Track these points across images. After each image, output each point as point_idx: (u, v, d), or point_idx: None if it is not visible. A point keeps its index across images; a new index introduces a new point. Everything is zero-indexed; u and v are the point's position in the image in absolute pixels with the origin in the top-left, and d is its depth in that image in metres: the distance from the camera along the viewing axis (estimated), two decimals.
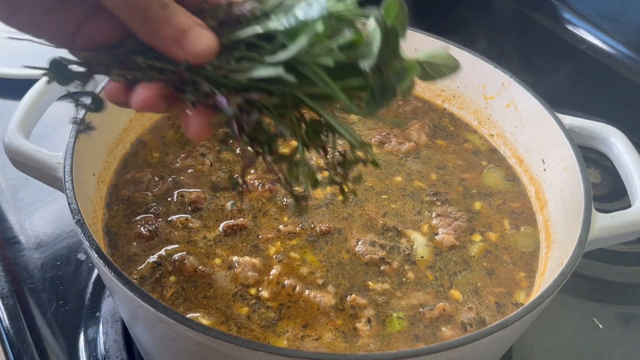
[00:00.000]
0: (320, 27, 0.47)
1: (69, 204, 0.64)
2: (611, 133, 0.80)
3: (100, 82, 0.78)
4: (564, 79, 1.31)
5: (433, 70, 0.58)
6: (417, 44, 0.96)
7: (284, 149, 0.57)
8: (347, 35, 0.49)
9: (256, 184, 0.79)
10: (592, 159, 1.06)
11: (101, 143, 0.79)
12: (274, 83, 0.51)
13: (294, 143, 0.56)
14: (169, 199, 0.78)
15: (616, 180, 0.99)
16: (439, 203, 0.82)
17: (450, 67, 0.58)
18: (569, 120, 0.82)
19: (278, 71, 0.49)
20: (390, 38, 0.51)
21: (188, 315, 0.65)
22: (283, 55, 0.49)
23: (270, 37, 0.52)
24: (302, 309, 0.67)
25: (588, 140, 0.82)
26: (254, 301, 0.68)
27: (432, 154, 0.90)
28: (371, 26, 0.50)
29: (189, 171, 0.82)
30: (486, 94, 0.92)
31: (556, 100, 0.88)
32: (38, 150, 0.71)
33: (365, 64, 0.49)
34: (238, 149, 0.55)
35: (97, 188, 0.76)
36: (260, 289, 0.69)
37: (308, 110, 0.54)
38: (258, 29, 0.52)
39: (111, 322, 0.81)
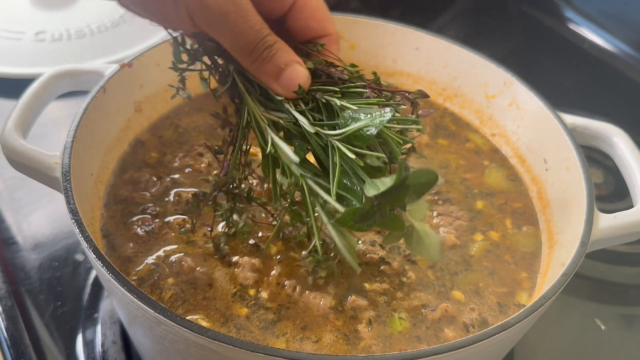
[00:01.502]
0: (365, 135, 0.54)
1: (66, 204, 0.64)
2: (614, 133, 0.80)
3: (106, 75, 0.78)
4: (566, 78, 1.30)
5: (416, 243, 0.65)
6: (419, 43, 0.96)
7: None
8: (375, 161, 0.56)
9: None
10: (595, 158, 1.05)
11: (99, 143, 0.79)
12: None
13: None
14: (167, 199, 0.78)
15: (619, 180, 0.99)
16: (440, 202, 0.81)
17: (429, 255, 0.65)
18: (571, 119, 0.82)
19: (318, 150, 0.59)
20: (400, 191, 0.55)
21: (187, 317, 0.64)
22: (336, 133, 0.56)
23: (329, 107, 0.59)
24: (302, 310, 0.67)
25: (591, 139, 0.82)
26: (253, 302, 0.67)
27: (434, 153, 0.89)
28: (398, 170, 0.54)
29: (187, 170, 0.82)
30: (488, 93, 0.92)
31: (558, 99, 0.87)
32: (35, 150, 0.70)
33: (369, 193, 0.54)
34: None
35: (94, 188, 0.76)
36: (259, 289, 0.68)
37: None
38: (336, 101, 0.58)
39: (109, 323, 0.81)
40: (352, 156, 0.54)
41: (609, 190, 1.04)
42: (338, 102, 0.58)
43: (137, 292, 0.56)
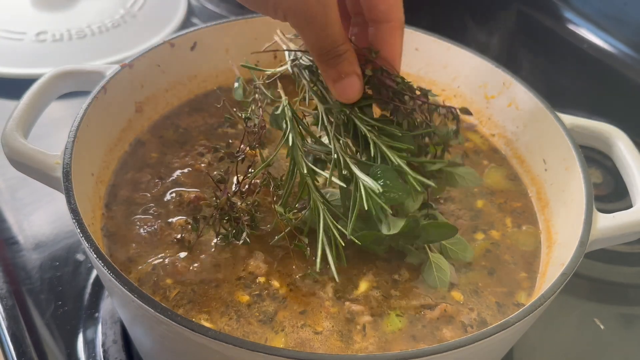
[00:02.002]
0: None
1: (67, 204, 0.64)
2: (613, 133, 0.80)
3: (107, 76, 0.79)
4: (565, 79, 1.30)
5: (427, 272, 0.71)
6: (418, 44, 0.96)
7: None
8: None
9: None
10: (594, 158, 1.05)
11: (100, 143, 0.79)
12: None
13: None
14: (168, 199, 0.78)
15: (618, 180, 0.99)
16: (442, 201, 0.81)
17: (435, 284, 0.70)
18: (570, 120, 0.82)
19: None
20: (410, 235, 0.69)
21: (191, 315, 0.65)
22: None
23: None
24: (303, 294, 0.68)
25: (590, 140, 0.82)
26: (257, 292, 0.68)
27: None
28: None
29: (188, 170, 0.82)
30: (487, 94, 0.92)
31: (557, 99, 0.87)
32: (36, 150, 0.71)
33: (383, 231, 0.67)
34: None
35: (95, 188, 0.76)
36: (270, 279, 0.69)
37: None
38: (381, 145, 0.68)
39: (110, 323, 0.81)
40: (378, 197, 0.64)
41: (608, 190, 1.04)
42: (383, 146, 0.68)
43: (137, 291, 0.57)
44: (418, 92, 0.72)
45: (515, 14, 1.44)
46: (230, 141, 0.83)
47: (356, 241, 0.66)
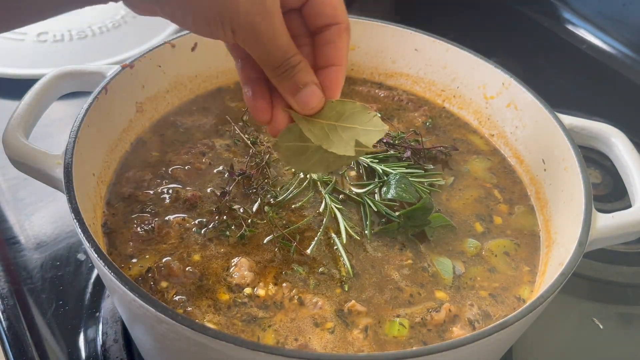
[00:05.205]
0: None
1: (68, 204, 0.64)
2: (612, 133, 0.80)
3: (108, 76, 0.79)
4: (565, 79, 1.31)
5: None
6: (418, 44, 0.97)
7: None
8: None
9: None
10: (593, 159, 1.06)
11: (101, 143, 0.79)
12: None
13: None
14: (166, 197, 0.78)
15: (616, 180, 0.99)
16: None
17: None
18: (569, 120, 0.82)
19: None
20: (420, 217, 0.76)
21: (190, 315, 0.65)
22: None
23: None
24: (296, 306, 0.67)
25: (588, 140, 0.82)
26: (247, 300, 0.68)
27: None
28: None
29: (187, 167, 0.82)
30: (486, 94, 0.92)
31: (556, 100, 0.88)
32: (38, 150, 0.71)
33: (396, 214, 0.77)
34: None
35: (96, 188, 0.76)
36: (256, 289, 0.69)
37: None
38: (378, 168, 0.83)
39: (111, 322, 0.81)
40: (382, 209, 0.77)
41: (606, 190, 1.04)
42: (379, 168, 0.82)
43: (138, 290, 0.57)
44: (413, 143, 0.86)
45: (514, 14, 1.45)
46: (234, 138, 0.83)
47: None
